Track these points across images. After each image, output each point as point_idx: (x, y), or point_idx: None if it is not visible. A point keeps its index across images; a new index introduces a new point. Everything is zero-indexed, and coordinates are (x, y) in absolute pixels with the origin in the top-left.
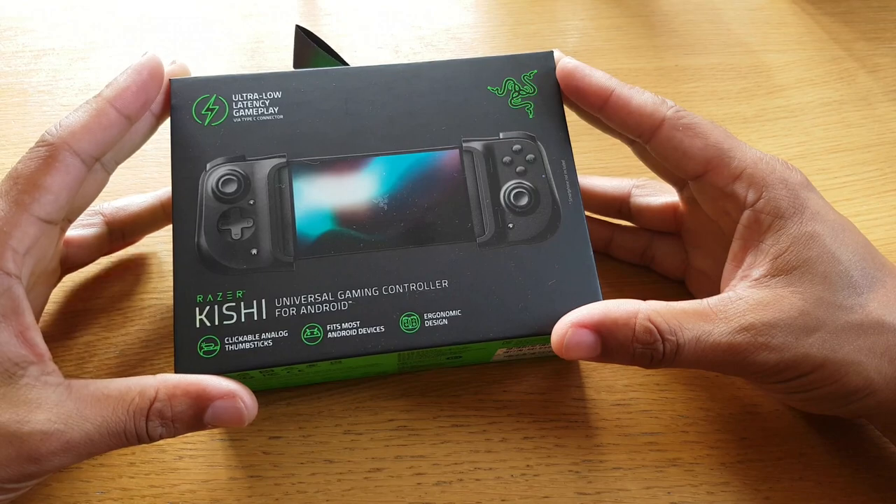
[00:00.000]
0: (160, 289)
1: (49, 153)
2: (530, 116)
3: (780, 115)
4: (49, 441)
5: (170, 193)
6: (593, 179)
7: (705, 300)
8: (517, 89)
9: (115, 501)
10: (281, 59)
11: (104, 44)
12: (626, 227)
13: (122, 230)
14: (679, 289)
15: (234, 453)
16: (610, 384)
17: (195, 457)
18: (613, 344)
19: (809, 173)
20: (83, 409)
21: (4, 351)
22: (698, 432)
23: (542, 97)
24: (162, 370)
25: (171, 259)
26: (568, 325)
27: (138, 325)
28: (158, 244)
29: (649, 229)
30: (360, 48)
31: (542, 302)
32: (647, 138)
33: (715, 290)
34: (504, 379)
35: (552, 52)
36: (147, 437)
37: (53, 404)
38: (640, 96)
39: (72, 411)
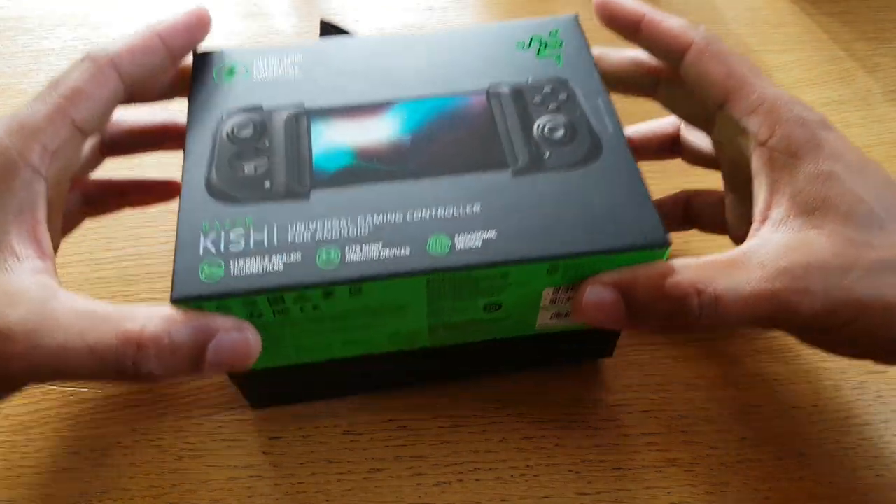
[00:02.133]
0: (160, 289)
1: (92, 64)
2: (559, 65)
3: None
4: (16, 340)
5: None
6: (639, 126)
7: (732, 251)
8: (544, 43)
9: (114, 501)
10: None
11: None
12: (702, 191)
13: (112, 140)
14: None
15: (234, 453)
16: (610, 384)
17: (195, 457)
18: (638, 303)
19: None
20: (63, 317)
21: (9, 241)
22: (698, 432)
23: (570, 48)
24: None
25: (169, 260)
26: (587, 283)
27: None
28: (157, 245)
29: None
30: None
31: (590, 222)
32: (678, 61)
33: None
34: (504, 379)
35: (576, 16)
36: (132, 371)
37: (35, 303)
38: (671, 20)
39: (48, 315)
